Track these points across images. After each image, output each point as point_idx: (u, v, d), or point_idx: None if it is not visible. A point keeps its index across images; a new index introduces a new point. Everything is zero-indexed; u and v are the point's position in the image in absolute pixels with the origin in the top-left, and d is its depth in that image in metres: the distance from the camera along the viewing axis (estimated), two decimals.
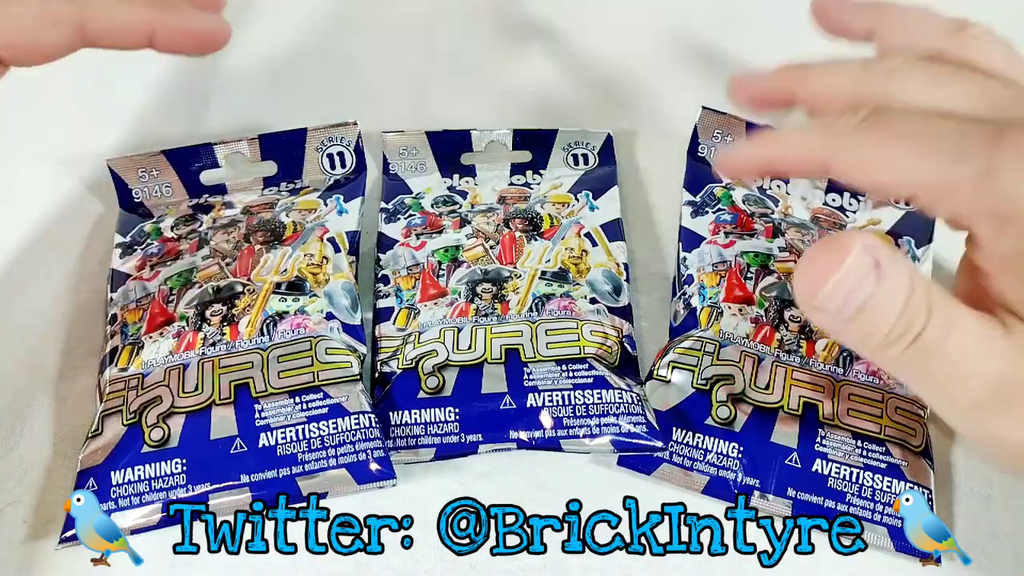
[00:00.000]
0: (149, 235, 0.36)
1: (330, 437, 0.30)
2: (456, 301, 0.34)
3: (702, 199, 0.37)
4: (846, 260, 0.22)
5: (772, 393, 0.32)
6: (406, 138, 0.39)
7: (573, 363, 0.32)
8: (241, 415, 0.30)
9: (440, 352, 0.32)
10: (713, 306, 0.34)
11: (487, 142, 0.39)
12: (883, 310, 0.22)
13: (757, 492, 0.30)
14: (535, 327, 0.33)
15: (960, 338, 0.23)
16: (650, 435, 0.30)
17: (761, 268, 0.34)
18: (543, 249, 0.36)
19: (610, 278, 0.35)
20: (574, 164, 0.39)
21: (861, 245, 0.22)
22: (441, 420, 0.31)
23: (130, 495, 0.28)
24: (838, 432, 0.31)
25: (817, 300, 0.22)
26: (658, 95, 0.43)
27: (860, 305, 0.22)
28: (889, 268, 0.22)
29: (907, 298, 0.22)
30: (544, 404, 0.31)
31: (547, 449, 0.30)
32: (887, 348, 0.23)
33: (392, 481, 0.29)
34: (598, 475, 0.31)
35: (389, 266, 0.35)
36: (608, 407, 0.31)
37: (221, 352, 0.31)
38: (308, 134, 0.38)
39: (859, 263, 0.22)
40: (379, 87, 0.43)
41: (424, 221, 0.37)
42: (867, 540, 0.29)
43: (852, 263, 0.22)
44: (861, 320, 0.22)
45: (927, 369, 0.23)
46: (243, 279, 0.34)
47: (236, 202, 0.37)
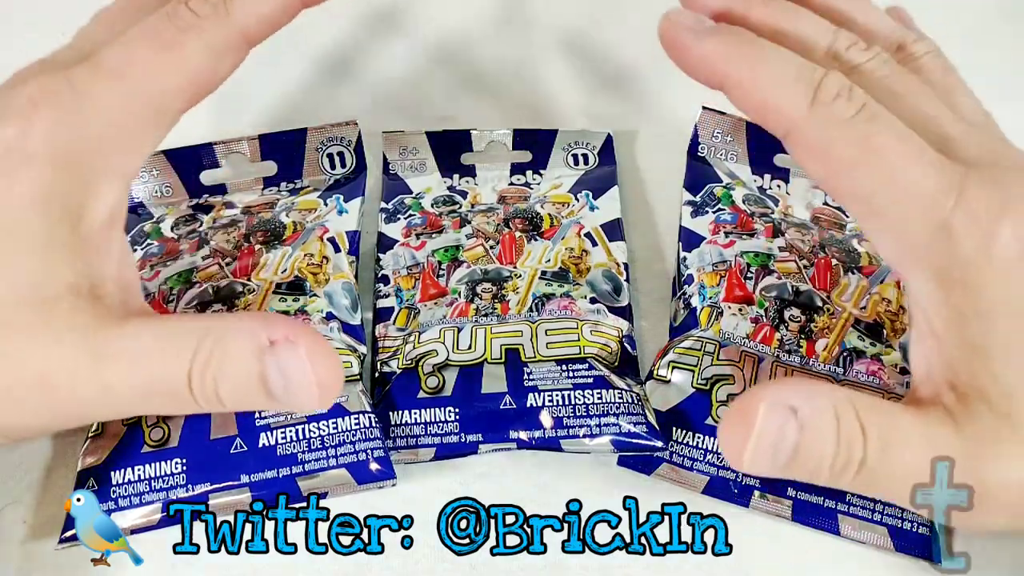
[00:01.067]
0: (149, 235, 0.36)
1: (330, 437, 0.30)
2: (456, 301, 0.34)
3: (702, 199, 0.37)
4: (754, 426, 0.22)
5: None
6: (406, 138, 0.39)
7: (573, 363, 0.32)
8: (240, 414, 0.30)
9: (440, 352, 0.32)
10: (713, 306, 0.34)
11: (487, 142, 0.39)
12: (816, 451, 0.22)
13: (757, 492, 0.30)
14: (535, 327, 0.33)
15: (905, 453, 0.22)
16: (650, 435, 0.30)
17: (761, 268, 0.34)
18: (543, 249, 0.36)
19: (610, 278, 0.35)
20: (574, 164, 0.39)
21: (766, 405, 0.22)
22: (441, 420, 0.31)
23: (130, 495, 0.28)
24: None
25: (744, 466, 0.22)
26: (658, 95, 0.43)
27: (791, 453, 0.22)
28: (808, 410, 0.22)
29: (836, 431, 0.22)
30: (544, 404, 0.31)
31: (547, 449, 0.30)
32: (837, 479, 0.23)
33: (392, 481, 0.29)
34: (598, 475, 0.31)
35: (389, 266, 0.35)
36: (608, 407, 0.31)
37: None
38: (308, 134, 0.38)
39: (769, 422, 0.22)
40: (379, 87, 0.43)
41: (424, 221, 0.37)
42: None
43: (761, 426, 0.22)
44: (798, 466, 0.22)
45: (886, 487, 0.23)
46: (243, 279, 0.34)
47: (236, 202, 0.37)
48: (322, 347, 0.23)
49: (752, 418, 0.22)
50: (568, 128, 0.39)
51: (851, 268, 0.34)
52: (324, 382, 0.23)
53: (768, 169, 0.38)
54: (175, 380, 0.23)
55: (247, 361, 0.23)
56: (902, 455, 0.22)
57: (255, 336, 0.23)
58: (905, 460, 0.22)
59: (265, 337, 0.23)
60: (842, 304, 0.34)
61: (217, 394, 0.23)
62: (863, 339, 0.33)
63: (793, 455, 0.22)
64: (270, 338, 0.23)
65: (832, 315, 0.33)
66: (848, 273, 0.34)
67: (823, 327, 0.33)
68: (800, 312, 0.33)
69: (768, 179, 0.38)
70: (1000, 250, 0.22)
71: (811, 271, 0.34)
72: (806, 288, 0.34)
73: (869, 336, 0.33)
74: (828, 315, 0.33)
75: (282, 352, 0.23)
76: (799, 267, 0.34)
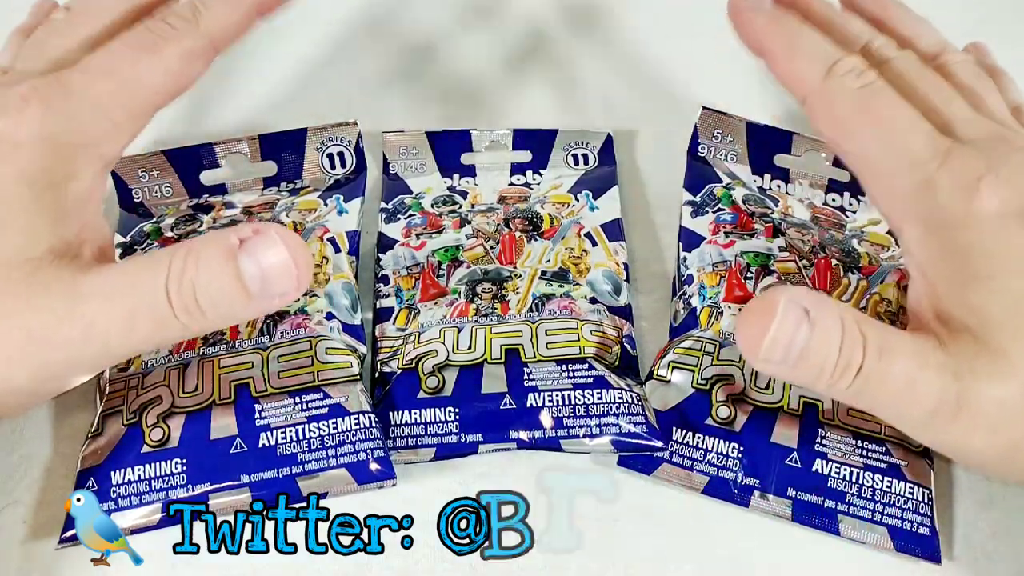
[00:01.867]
0: (149, 235, 0.36)
1: (330, 437, 0.30)
2: (456, 301, 0.34)
3: (702, 199, 0.37)
4: (775, 317, 0.24)
5: (772, 393, 0.32)
6: (406, 138, 0.39)
7: (573, 363, 0.32)
8: (241, 415, 0.30)
9: (440, 352, 0.32)
10: (713, 306, 0.34)
11: (487, 142, 0.39)
12: (822, 352, 0.24)
13: (757, 492, 0.30)
14: (535, 327, 0.33)
15: (898, 361, 0.25)
16: (650, 435, 0.30)
17: (761, 268, 0.34)
18: (543, 249, 0.36)
19: (610, 278, 0.35)
20: (574, 164, 0.39)
21: (785, 300, 0.24)
22: (441, 420, 0.31)
23: (130, 495, 0.28)
24: (838, 432, 0.31)
25: (759, 356, 0.25)
26: (658, 95, 0.43)
27: (800, 352, 0.24)
28: (818, 314, 0.24)
29: (841, 336, 0.24)
30: (544, 404, 0.31)
31: (547, 449, 0.30)
32: (836, 383, 0.25)
33: (392, 481, 0.29)
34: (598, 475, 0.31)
35: (389, 266, 0.35)
36: (608, 407, 0.31)
37: (221, 352, 0.31)
38: (308, 134, 0.38)
39: (788, 317, 0.24)
40: (379, 87, 0.43)
41: (424, 221, 0.37)
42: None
43: (780, 319, 0.24)
44: (805, 364, 0.25)
45: (876, 395, 0.25)
46: None
47: (236, 202, 0.37)
48: (291, 233, 0.25)
49: (772, 313, 0.24)
50: (568, 128, 0.39)
51: (851, 268, 0.34)
52: (299, 261, 0.25)
53: (768, 169, 0.38)
54: (153, 295, 0.25)
55: (221, 262, 0.25)
56: (895, 363, 0.25)
57: (225, 239, 0.25)
58: (897, 369, 0.25)
59: (234, 238, 0.25)
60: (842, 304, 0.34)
61: (197, 303, 0.25)
62: None
63: (801, 355, 0.24)
64: (239, 238, 0.25)
65: None
66: (848, 273, 0.34)
67: None
68: None
69: (768, 179, 0.38)
70: (977, 206, 0.25)
71: (811, 271, 0.34)
72: None
73: None
74: None
75: (253, 244, 0.25)
76: (799, 267, 0.34)
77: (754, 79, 0.43)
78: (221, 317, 0.26)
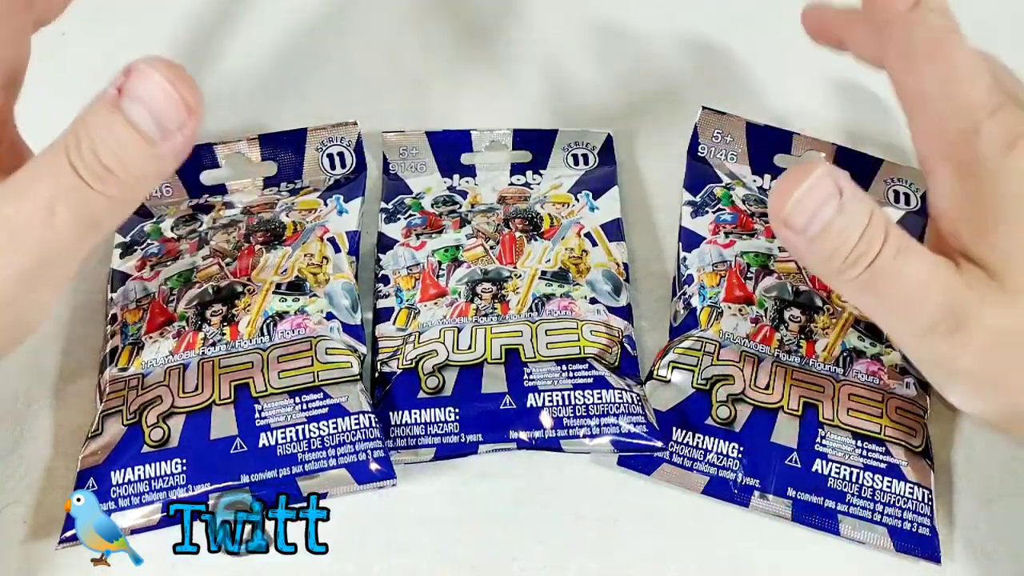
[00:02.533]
0: (149, 235, 0.36)
1: (330, 437, 0.30)
2: (456, 301, 0.34)
3: (702, 199, 0.37)
4: (807, 180, 0.24)
5: (772, 393, 0.32)
6: (406, 138, 0.39)
7: (573, 363, 0.32)
8: (241, 415, 0.30)
9: (440, 352, 0.32)
10: (713, 306, 0.34)
11: (487, 142, 0.39)
12: (844, 232, 0.25)
13: (757, 492, 0.30)
14: (535, 327, 0.33)
15: (912, 264, 0.25)
16: (650, 435, 0.30)
17: (761, 268, 0.34)
18: (543, 249, 0.36)
19: (610, 278, 0.35)
20: (574, 164, 0.39)
21: (824, 169, 0.24)
22: (441, 420, 0.31)
23: (130, 495, 0.28)
24: (838, 432, 0.31)
25: (784, 212, 0.25)
26: (658, 95, 0.43)
27: (824, 225, 0.24)
28: (850, 194, 0.25)
29: (866, 224, 0.25)
30: (544, 404, 0.31)
31: (547, 449, 0.30)
32: (847, 270, 0.25)
33: (392, 481, 0.29)
34: (598, 475, 0.31)
35: (389, 266, 0.35)
36: (608, 407, 0.31)
37: (221, 352, 0.31)
38: (308, 134, 0.38)
39: (820, 186, 0.24)
40: (379, 87, 0.43)
41: (424, 221, 0.37)
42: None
43: (812, 184, 0.24)
44: (824, 240, 0.25)
45: (882, 292, 0.26)
46: (243, 279, 0.34)
47: (236, 202, 0.37)
48: (166, 62, 0.24)
49: (808, 173, 0.24)
50: (568, 128, 0.39)
51: None
52: (179, 87, 0.24)
53: (768, 169, 0.38)
54: (62, 175, 0.24)
55: (107, 116, 0.23)
56: (909, 266, 0.25)
57: (103, 95, 0.24)
58: (910, 271, 0.25)
59: (112, 89, 0.23)
60: (842, 304, 0.34)
61: (103, 165, 0.24)
62: (863, 339, 0.33)
63: (823, 230, 0.24)
64: (115, 87, 0.23)
65: (832, 315, 0.33)
66: None
67: (823, 327, 0.33)
68: (800, 312, 0.33)
69: (768, 179, 0.38)
70: (1013, 159, 0.26)
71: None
72: (806, 288, 0.34)
73: (869, 336, 0.33)
74: (828, 315, 0.33)
75: (129, 86, 0.23)
76: (799, 267, 0.34)
77: (754, 79, 0.43)
78: (135, 175, 0.25)
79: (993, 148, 0.26)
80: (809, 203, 0.24)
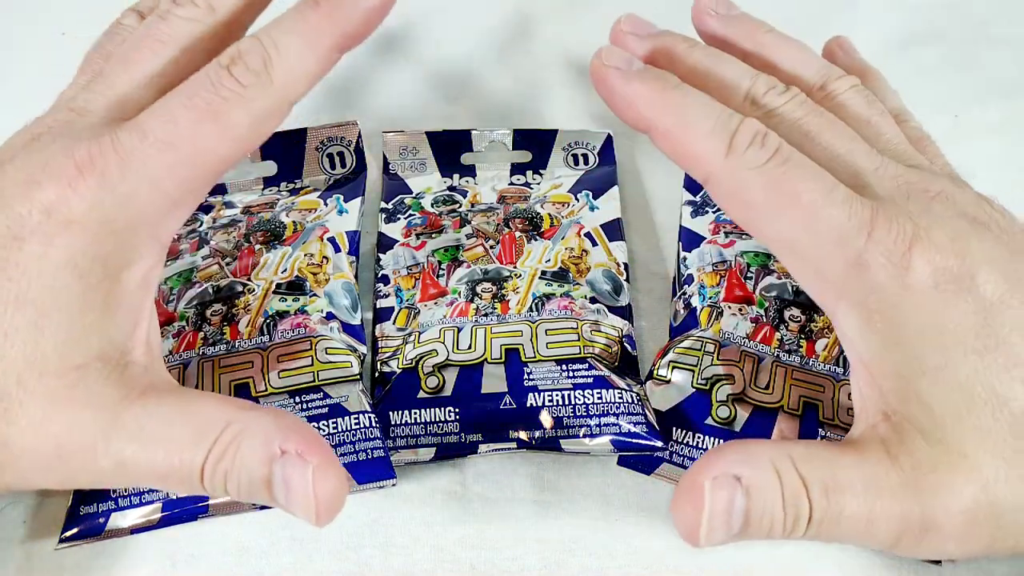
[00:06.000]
0: None
1: (330, 437, 0.30)
2: (456, 301, 0.34)
3: (702, 199, 0.37)
4: (704, 504, 0.22)
5: (772, 393, 0.32)
6: (406, 138, 0.39)
7: (573, 363, 0.32)
8: None
9: (440, 352, 0.32)
10: (713, 306, 0.34)
11: (487, 142, 0.39)
12: (767, 513, 0.23)
13: None
14: (535, 327, 0.33)
15: (849, 499, 0.23)
16: (650, 435, 0.30)
17: (761, 268, 0.34)
18: (543, 249, 0.36)
19: (610, 278, 0.35)
20: (574, 164, 0.39)
21: (711, 482, 0.23)
22: (441, 420, 0.31)
23: (130, 495, 0.28)
24: (838, 432, 0.31)
25: (701, 544, 0.23)
26: None
27: (743, 521, 0.23)
28: (749, 475, 0.23)
29: (780, 489, 0.23)
30: (544, 404, 0.31)
31: (547, 449, 0.30)
32: (792, 535, 0.23)
33: (392, 481, 0.29)
34: (598, 475, 0.31)
35: (389, 266, 0.35)
36: (608, 407, 0.31)
37: (221, 352, 0.31)
38: (308, 134, 0.38)
39: (717, 498, 0.22)
40: (379, 87, 0.43)
41: (424, 221, 0.37)
42: None
43: (711, 504, 0.22)
44: (753, 530, 0.23)
45: (837, 535, 0.23)
46: (243, 279, 0.34)
47: (236, 202, 0.37)
48: (330, 467, 0.24)
49: (700, 497, 0.23)
50: (568, 128, 0.39)
51: None
52: (324, 503, 0.23)
53: None
54: (188, 470, 0.23)
55: (257, 466, 0.23)
56: (846, 503, 0.23)
57: (269, 443, 0.23)
58: (851, 508, 0.23)
59: (278, 446, 0.23)
60: None
61: (225, 487, 0.24)
62: None
63: (745, 522, 0.23)
64: (282, 447, 0.23)
65: None
66: None
67: (823, 327, 0.33)
68: (800, 312, 0.33)
69: None
70: (913, 279, 0.23)
71: None
72: None
73: None
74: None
75: (289, 466, 0.23)
76: None
77: None
78: (245, 500, 0.25)
79: (886, 275, 0.23)
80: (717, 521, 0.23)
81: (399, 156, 0.39)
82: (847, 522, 0.23)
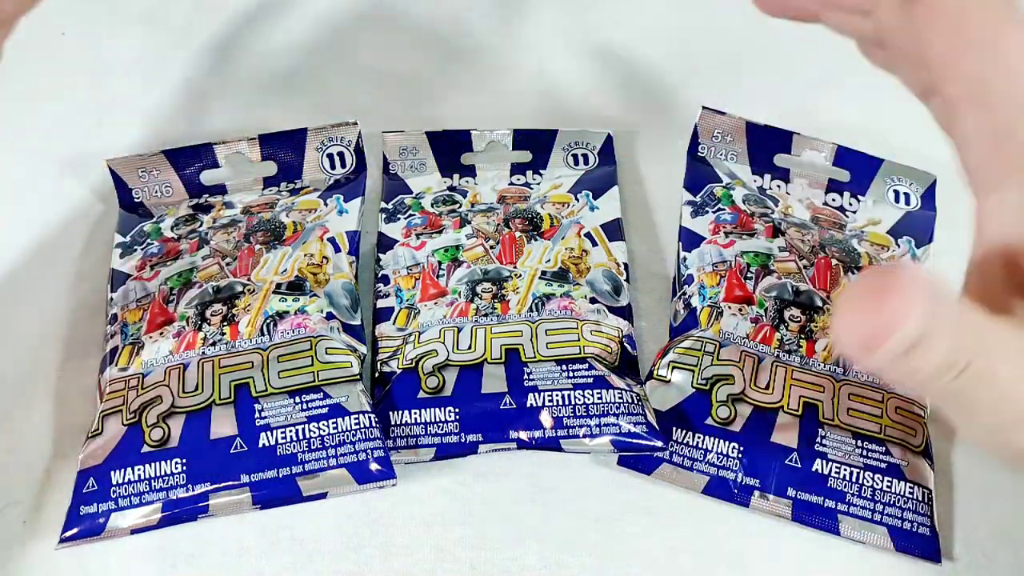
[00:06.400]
0: (149, 235, 0.36)
1: (330, 437, 0.30)
2: (456, 301, 0.34)
3: (702, 199, 0.37)
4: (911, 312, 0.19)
5: (772, 393, 0.32)
6: (406, 138, 0.39)
7: (573, 363, 0.32)
8: (241, 415, 0.30)
9: (440, 352, 0.32)
10: (713, 306, 0.34)
11: (487, 142, 0.39)
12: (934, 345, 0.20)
13: (757, 492, 0.30)
14: (535, 327, 0.33)
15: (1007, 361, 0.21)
16: (650, 435, 0.30)
17: (761, 268, 0.34)
18: (543, 249, 0.36)
19: (610, 278, 0.35)
20: (574, 164, 0.39)
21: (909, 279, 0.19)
22: (441, 420, 0.31)
23: (130, 495, 0.28)
24: (838, 432, 0.31)
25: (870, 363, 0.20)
26: (658, 95, 0.43)
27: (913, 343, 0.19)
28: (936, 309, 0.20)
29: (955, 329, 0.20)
30: (544, 404, 0.31)
31: (547, 449, 0.30)
32: (936, 380, 0.21)
33: (392, 481, 0.29)
34: (598, 475, 0.31)
35: (389, 266, 0.35)
36: (608, 407, 0.31)
37: (221, 352, 0.31)
38: (308, 134, 0.38)
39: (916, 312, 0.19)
40: (379, 87, 0.43)
41: (424, 221, 0.37)
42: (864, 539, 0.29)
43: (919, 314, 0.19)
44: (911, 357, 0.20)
45: (974, 395, 0.21)
46: (243, 279, 0.34)
47: (236, 202, 0.37)
48: None
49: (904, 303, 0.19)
50: (568, 128, 0.39)
51: (851, 268, 0.34)
52: None
53: (768, 169, 0.38)
54: None
55: None
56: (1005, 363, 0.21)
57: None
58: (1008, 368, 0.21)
59: None
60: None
61: None
62: None
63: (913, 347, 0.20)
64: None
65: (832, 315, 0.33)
66: (848, 273, 0.34)
67: (823, 327, 0.33)
68: (800, 312, 0.33)
69: (768, 179, 0.38)
70: None
71: (811, 271, 0.34)
72: (806, 288, 0.34)
73: None
74: (828, 315, 0.33)
75: None
76: (799, 267, 0.34)
77: (754, 79, 0.43)
78: None
79: None
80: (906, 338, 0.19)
81: (399, 156, 0.39)
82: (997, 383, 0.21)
